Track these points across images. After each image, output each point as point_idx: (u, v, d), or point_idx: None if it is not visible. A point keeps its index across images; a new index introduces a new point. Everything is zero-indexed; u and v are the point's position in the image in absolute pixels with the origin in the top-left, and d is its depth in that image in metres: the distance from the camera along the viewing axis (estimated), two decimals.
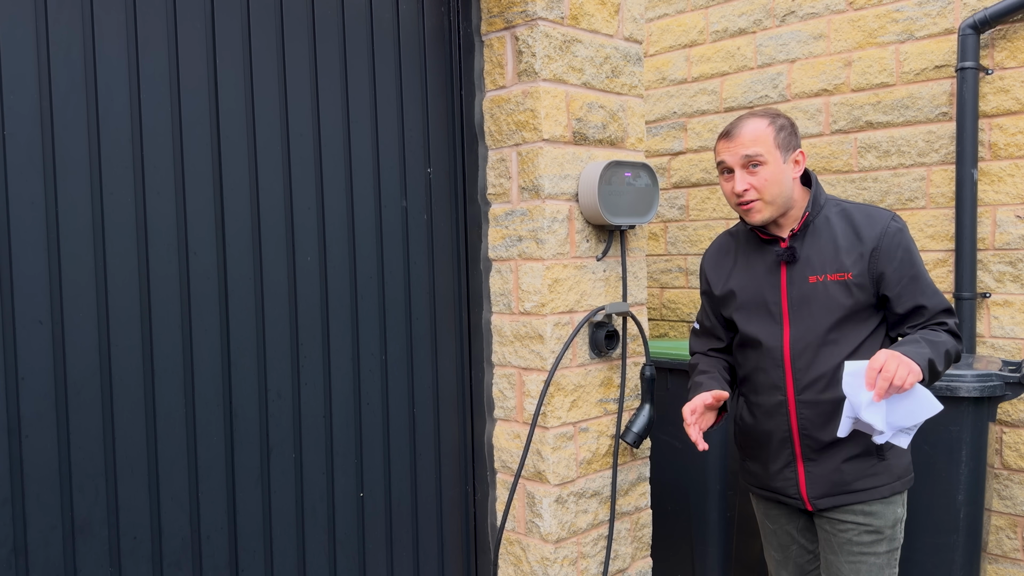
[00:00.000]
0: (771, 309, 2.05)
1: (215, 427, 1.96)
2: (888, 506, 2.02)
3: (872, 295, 1.97)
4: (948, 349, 1.92)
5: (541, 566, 2.37)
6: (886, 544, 2.03)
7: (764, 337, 2.05)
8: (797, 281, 2.01)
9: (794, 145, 1.99)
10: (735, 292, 2.12)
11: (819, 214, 2.03)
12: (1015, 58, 3.23)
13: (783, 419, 2.05)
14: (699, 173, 4.24)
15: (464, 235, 2.48)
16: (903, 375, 1.72)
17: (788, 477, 2.08)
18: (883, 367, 1.74)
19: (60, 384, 1.73)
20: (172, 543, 1.90)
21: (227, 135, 1.96)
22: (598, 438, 2.47)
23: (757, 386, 2.10)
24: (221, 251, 1.96)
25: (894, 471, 2.02)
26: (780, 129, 1.97)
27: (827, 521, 2.07)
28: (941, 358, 1.88)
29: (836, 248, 1.98)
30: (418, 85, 2.34)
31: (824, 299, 1.98)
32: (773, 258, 2.05)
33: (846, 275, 1.96)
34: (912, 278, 1.95)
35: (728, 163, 1.99)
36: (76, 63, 1.74)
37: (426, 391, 2.38)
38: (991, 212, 3.31)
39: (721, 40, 4.13)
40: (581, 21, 2.37)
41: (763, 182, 1.95)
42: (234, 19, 1.97)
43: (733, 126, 2.00)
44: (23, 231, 1.68)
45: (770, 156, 1.95)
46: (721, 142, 2.01)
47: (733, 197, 2.01)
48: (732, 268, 2.15)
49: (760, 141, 1.95)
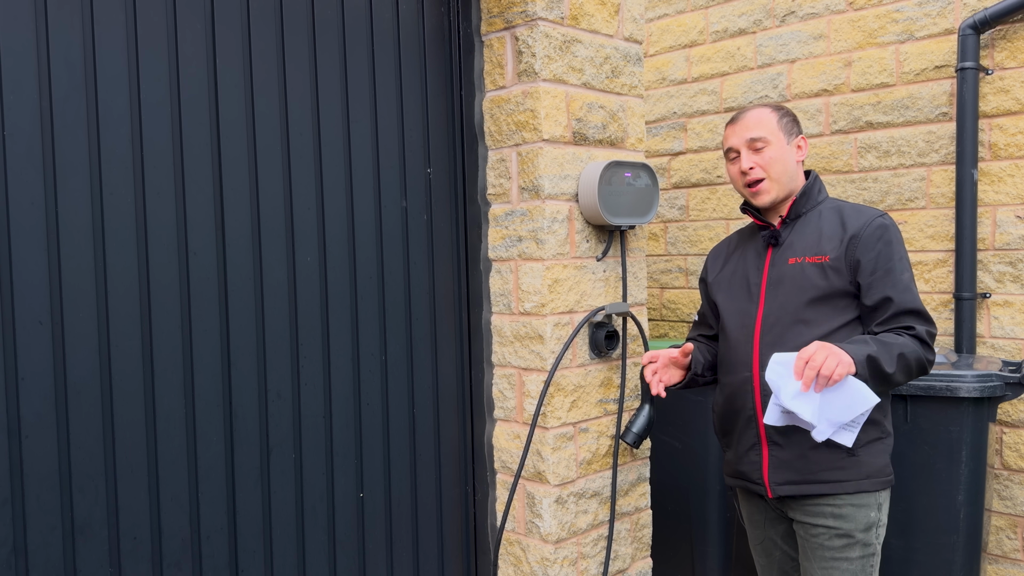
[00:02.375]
0: (751, 289, 2.11)
1: (215, 428, 1.96)
2: (859, 509, 1.98)
3: (848, 282, 1.98)
4: (904, 352, 1.87)
5: (541, 566, 2.37)
6: (859, 549, 1.99)
7: (739, 314, 2.12)
8: (778, 263, 2.08)
9: (796, 132, 2.10)
10: (726, 274, 2.21)
11: (814, 208, 2.10)
12: (1015, 58, 3.23)
13: (748, 396, 2.06)
14: (699, 173, 4.24)
15: (464, 235, 2.48)
16: (831, 366, 1.72)
17: (753, 460, 2.08)
18: (811, 357, 1.74)
19: (60, 384, 1.73)
20: (172, 543, 1.90)
21: (227, 135, 1.96)
22: (598, 438, 2.47)
23: (728, 364, 2.14)
24: (221, 251, 1.96)
25: (864, 468, 1.98)
26: (783, 115, 2.10)
27: (801, 526, 2.05)
28: (891, 360, 1.84)
29: (820, 236, 2.04)
30: (418, 85, 2.34)
31: (799, 279, 2.02)
32: (762, 242, 2.13)
33: (824, 258, 2.00)
34: (886, 271, 1.95)
35: (735, 146, 2.09)
36: (76, 63, 1.74)
37: (426, 391, 2.38)
38: (991, 212, 3.31)
39: (721, 40, 4.13)
40: (581, 21, 2.37)
41: (768, 160, 2.05)
42: (234, 19, 1.97)
43: (738, 113, 2.13)
44: (23, 231, 1.68)
45: (774, 138, 2.06)
46: (728, 129, 2.13)
47: (740, 178, 2.10)
48: (730, 256, 2.25)
49: (764, 124, 2.06)
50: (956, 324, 3.35)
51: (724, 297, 2.18)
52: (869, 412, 1.85)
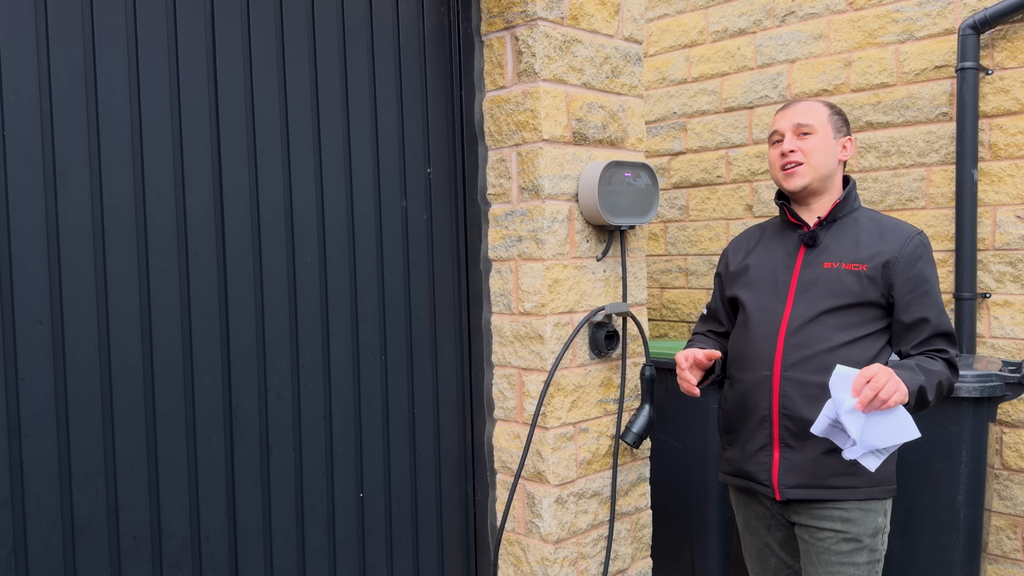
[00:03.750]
0: (779, 288, 2.09)
1: (215, 427, 1.96)
2: (867, 514, 1.98)
3: (881, 295, 1.98)
4: (942, 381, 1.92)
5: (541, 566, 2.37)
6: (866, 554, 1.99)
7: (765, 311, 2.08)
8: (812, 265, 2.06)
9: (845, 132, 2.10)
10: (749, 267, 2.17)
11: (850, 214, 2.09)
12: (1015, 58, 3.23)
13: (765, 396, 2.03)
14: (699, 173, 4.24)
15: (464, 235, 2.48)
16: (890, 391, 1.73)
17: (762, 461, 2.05)
18: (873, 377, 1.74)
19: (60, 384, 1.73)
20: (172, 543, 1.90)
21: (227, 135, 1.96)
22: (598, 438, 2.47)
23: (746, 362, 2.10)
24: (221, 251, 1.96)
25: (874, 476, 1.98)
26: (834, 112, 2.09)
27: (805, 530, 2.03)
28: (933, 389, 1.89)
29: (857, 243, 2.03)
30: (418, 85, 2.34)
31: (834, 283, 2.01)
32: (795, 242, 2.12)
33: (861, 266, 2.00)
34: (924, 292, 1.97)
35: (781, 129, 2.08)
36: (76, 63, 1.74)
37: (426, 391, 2.38)
38: (991, 212, 3.31)
39: (721, 40, 4.13)
40: (581, 21, 2.37)
41: (811, 147, 2.04)
42: (234, 19, 1.97)
43: (790, 101, 2.13)
44: (23, 231, 1.68)
45: (821, 128, 2.05)
46: (777, 114, 2.12)
47: (778, 160, 2.08)
48: (753, 248, 2.21)
49: (814, 114, 2.06)
50: (956, 324, 3.35)
51: (749, 292, 2.14)
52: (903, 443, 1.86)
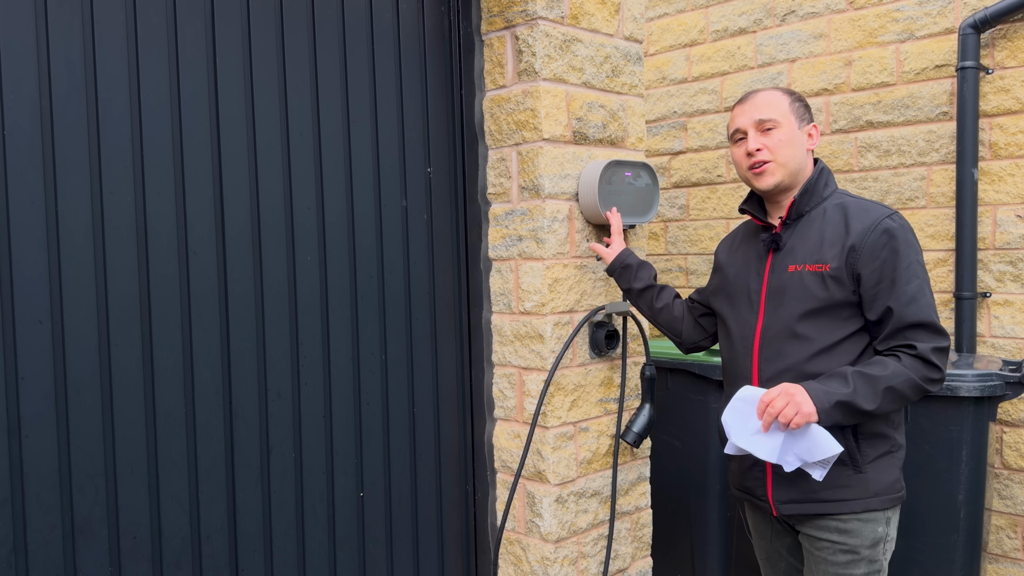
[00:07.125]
0: (752, 297, 2.00)
1: (215, 427, 1.96)
2: (866, 524, 1.89)
3: (851, 292, 1.85)
4: (893, 384, 1.76)
5: (541, 566, 2.37)
6: (864, 566, 1.90)
7: (739, 324, 2.02)
8: (778, 270, 1.95)
9: (808, 118, 1.97)
10: (728, 275, 2.09)
11: (818, 205, 1.95)
12: (1015, 58, 3.23)
13: None
14: (699, 173, 4.24)
15: (464, 235, 2.47)
16: (789, 414, 1.71)
17: (756, 476, 2.01)
18: (771, 402, 1.73)
19: (60, 384, 1.73)
20: (172, 543, 1.90)
21: (227, 135, 1.96)
22: (598, 438, 2.47)
23: (731, 376, 2.06)
24: (221, 251, 1.96)
25: (871, 486, 1.88)
26: (795, 100, 1.96)
27: (806, 538, 1.99)
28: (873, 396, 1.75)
29: (821, 240, 1.89)
30: (418, 85, 2.34)
31: (798, 289, 1.89)
32: (763, 246, 2.00)
33: (824, 267, 1.86)
34: (891, 282, 1.81)
35: (742, 127, 1.95)
36: (76, 63, 1.74)
37: (426, 391, 2.38)
38: (991, 212, 3.31)
39: (721, 39, 4.13)
40: (581, 20, 2.37)
41: (777, 143, 1.91)
42: (234, 19, 1.97)
43: (748, 94, 1.99)
44: (23, 231, 1.68)
45: (784, 121, 1.92)
46: (736, 108, 1.99)
47: (745, 160, 1.96)
48: (733, 252, 2.13)
49: (775, 106, 1.93)
50: (956, 323, 3.35)
51: (725, 304, 2.07)
52: (837, 456, 1.79)
